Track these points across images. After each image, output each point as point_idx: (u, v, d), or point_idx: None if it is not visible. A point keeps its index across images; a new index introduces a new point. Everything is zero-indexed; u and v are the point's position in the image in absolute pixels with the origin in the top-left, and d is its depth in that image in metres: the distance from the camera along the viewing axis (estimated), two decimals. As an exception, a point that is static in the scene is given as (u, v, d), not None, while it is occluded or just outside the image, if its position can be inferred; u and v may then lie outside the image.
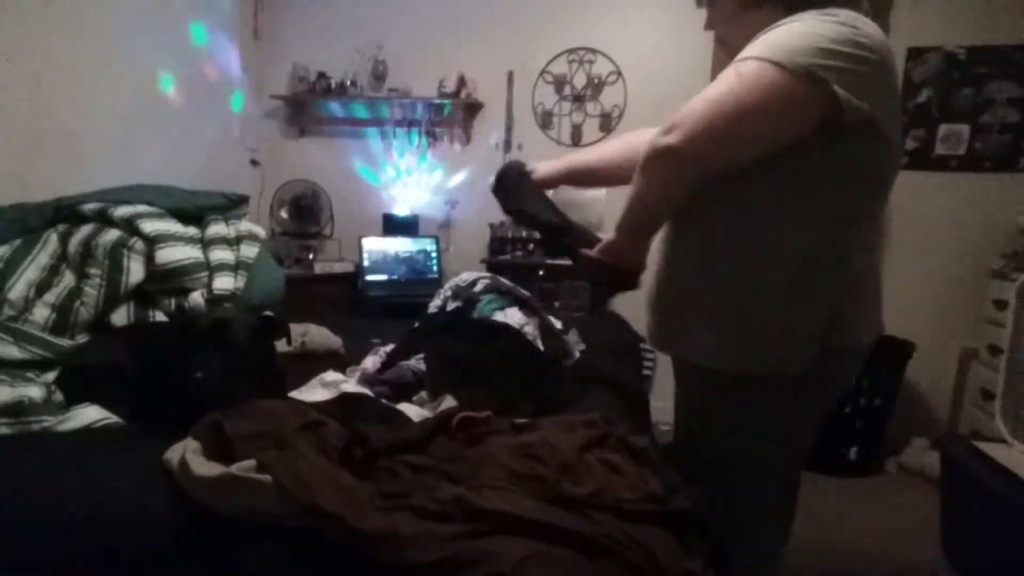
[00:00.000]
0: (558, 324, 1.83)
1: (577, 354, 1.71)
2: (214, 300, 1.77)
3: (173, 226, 1.84)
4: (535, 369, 1.43)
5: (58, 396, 1.28)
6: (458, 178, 3.32)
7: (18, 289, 1.59)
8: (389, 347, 1.57)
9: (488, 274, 2.07)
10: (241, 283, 1.88)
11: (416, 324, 1.70)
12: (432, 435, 1.02)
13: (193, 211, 1.96)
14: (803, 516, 1.18)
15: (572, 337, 1.79)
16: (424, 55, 3.19)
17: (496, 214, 3.16)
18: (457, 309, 1.83)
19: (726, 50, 1.05)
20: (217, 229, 1.97)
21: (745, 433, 1.02)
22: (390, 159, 3.36)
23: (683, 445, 1.15)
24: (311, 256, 3.12)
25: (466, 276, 2.01)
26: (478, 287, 1.92)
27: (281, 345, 1.45)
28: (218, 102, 3.00)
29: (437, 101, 3.15)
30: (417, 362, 1.44)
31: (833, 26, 0.83)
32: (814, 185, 0.90)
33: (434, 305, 1.97)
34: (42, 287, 1.63)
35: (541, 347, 1.59)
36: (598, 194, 2.18)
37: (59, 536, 0.88)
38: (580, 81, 3.09)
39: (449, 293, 1.97)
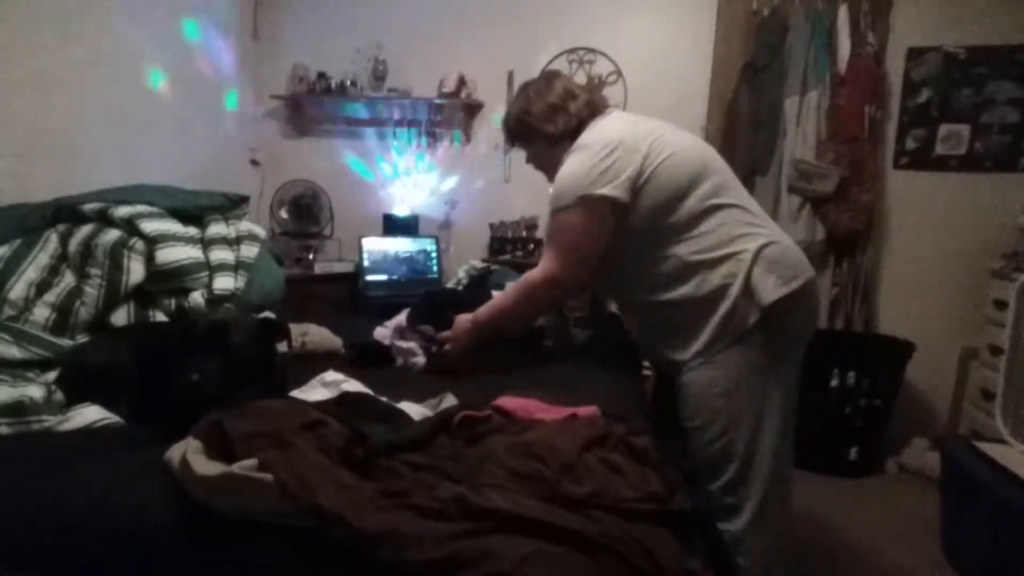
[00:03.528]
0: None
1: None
2: (214, 300, 1.77)
3: (173, 226, 1.84)
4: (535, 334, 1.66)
5: (58, 396, 1.27)
6: (458, 178, 3.32)
7: (18, 289, 1.59)
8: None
9: (499, 265, 2.16)
10: (241, 283, 1.88)
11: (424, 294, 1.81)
12: (433, 434, 1.02)
13: (193, 211, 1.95)
14: (803, 516, 1.19)
15: (576, 331, 1.82)
16: (424, 55, 3.19)
17: (496, 214, 3.18)
18: (461, 282, 1.95)
19: (547, 174, 1.53)
20: (217, 229, 1.96)
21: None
22: (390, 159, 3.36)
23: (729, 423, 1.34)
24: (311, 256, 3.12)
25: (478, 263, 2.10)
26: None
27: (281, 346, 1.45)
28: (218, 101, 2.99)
29: (437, 101, 3.16)
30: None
31: (583, 158, 1.33)
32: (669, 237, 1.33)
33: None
34: (42, 287, 1.63)
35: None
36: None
37: (59, 536, 0.88)
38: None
39: (463, 275, 2.05)
